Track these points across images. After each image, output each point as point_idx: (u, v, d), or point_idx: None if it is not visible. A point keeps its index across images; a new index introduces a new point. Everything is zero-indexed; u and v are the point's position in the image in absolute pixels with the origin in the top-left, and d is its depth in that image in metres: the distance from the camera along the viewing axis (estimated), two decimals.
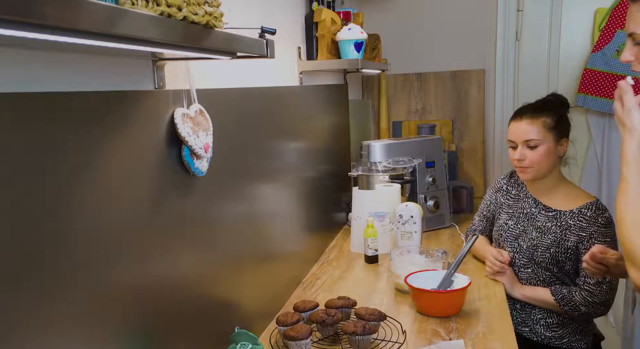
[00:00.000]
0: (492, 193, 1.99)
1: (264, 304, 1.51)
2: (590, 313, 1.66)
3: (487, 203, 2.01)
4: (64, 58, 0.80)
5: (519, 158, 1.74)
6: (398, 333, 1.42)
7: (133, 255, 0.93)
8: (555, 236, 1.71)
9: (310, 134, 2.02)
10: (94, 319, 0.83)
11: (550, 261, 1.72)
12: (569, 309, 1.66)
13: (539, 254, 1.73)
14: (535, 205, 1.81)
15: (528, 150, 1.73)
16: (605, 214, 1.69)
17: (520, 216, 1.83)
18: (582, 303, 1.64)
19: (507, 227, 1.84)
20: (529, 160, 1.73)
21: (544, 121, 1.72)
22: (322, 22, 2.03)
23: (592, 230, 1.67)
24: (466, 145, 3.01)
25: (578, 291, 1.65)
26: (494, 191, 1.98)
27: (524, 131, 1.73)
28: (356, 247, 2.16)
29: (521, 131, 1.74)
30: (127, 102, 0.91)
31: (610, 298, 1.64)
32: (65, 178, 0.77)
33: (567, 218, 1.72)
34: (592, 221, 1.67)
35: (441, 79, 3.00)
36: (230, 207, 1.31)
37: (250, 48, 0.98)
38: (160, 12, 0.69)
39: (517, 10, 2.87)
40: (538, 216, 1.79)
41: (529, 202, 1.83)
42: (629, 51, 1.14)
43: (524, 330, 1.77)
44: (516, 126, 1.76)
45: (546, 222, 1.75)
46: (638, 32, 1.11)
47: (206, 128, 1.10)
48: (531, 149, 1.73)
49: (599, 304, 1.63)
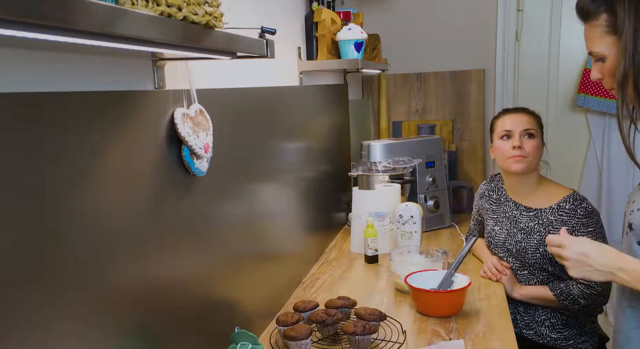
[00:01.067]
0: (477, 199, 2.03)
1: (264, 304, 1.51)
2: (590, 305, 1.66)
3: (476, 208, 2.05)
4: (64, 59, 0.80)
5: (518, 145, 1.76)
6: (398, 333, 1.42)
7: (133, 255, 0.93)
8: (540, 235, 1.73)
9: (310, 134, 2.02)
10: (93, 319, 0.83)
11: (542, 261, 1.72)
12: (568, 303, 1.66)
13: (530, 255, 1.74)
14: (516, 208, 1.83)
15: (526, 138, 1.78)
16: (584, 204, 1.70)
17: (504, 220, 1.85)
18: (580, 296, 1.64)
19: (495, 233, 1.87)
20: (527, 149, 1.77)
21: (536, 118, 1.83)
22: (322, 22, 2.03)
23: (574, 222, 1.69)
24: (466, 145, 3.01)
25: (575, 284, 1.66)
26: (479, 197, 2.02)
27: (523, 121, 1.79)
28: (356, 247, 2.16)
29: (520, 121, 1.79)
30: (127, 102, 0.91)
31: (607, 288, 1.65)
32: (65, 178, 0.77)
33: (547, 214, 1.74)
34: (572, 214, 1.70)
35: (441, 79, 3.00)
36: (230, 207, 1.31)
37: (250, 48, 0.98)
38: (160, 12, 0.69)
39: (517, 10, 2.87)
40: (520, 217, 1.80)
41: (510, 205, 1.86)
42: (595, 69, 1.16)
43: (529, 333, 1.77)
44: (512, 117, 1.82)
45: (528, 222, 1.77)
46: (595, 50, 1.13)
47: (206, 128, 1.10)
48: (529, 138, 1.78)
49: (596, 295, 1.64)
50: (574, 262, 1.20)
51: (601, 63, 1.14)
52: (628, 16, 1.04)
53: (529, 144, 1.77)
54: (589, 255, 1.17)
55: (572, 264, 1.20)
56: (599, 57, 1.13)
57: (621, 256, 1.15)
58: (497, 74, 2.93)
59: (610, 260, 1.15)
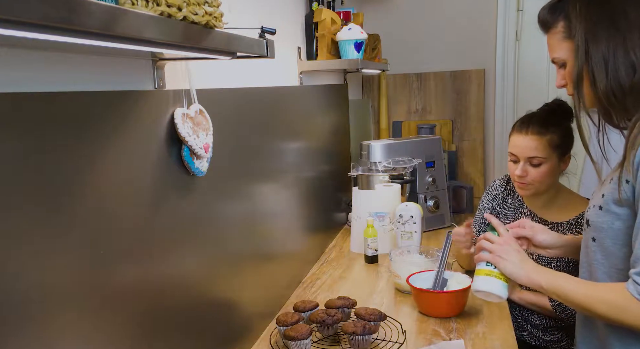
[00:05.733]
0: (488, 201, 1.90)
1: (264, 304, 1.51)
2: None
3: (487, 210, 1.90)
4: (64, 59, 0.80)
5: (521, 174, 1.65)
6: (398, 333, 1.42)
7: (133, 255, 0.93)
8: None
9: (310, 134, 2.02)
10: (93, 319, 0.83)
11: None
12: (565, 317, 1.63)
13: None
14: (532, 218, 1.74)
15: (531, 167, 1.64)
16: None
17: None
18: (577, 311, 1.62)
19: None
20: (531, 178, 1.65)
21: (550, 138, 1.61)
22: (322, 22, 2.03)
23: None
24: (466, 145, 3.01)
25: None
26: (490, 199, 1.89)
27: (529, 147, 1.62)
28: (356, 247, 2.16)
29: (526, 147, 1.63)
30: (127, 102, 0.91)
31: None
32: (65, 179, 0.77)
33: (564, 230, 1.67)
34: None
35: (441, 79, 3.00)
36: (230, 207, 1.30)
37: (250, 48, 0.98)
38: (160, 12, 0.69)
39: (517, 10, 2.87)
40: None
41: (525, 214, 1.77)
42: (559, 76, 1.19)
43: (523, 334, 1.76)
44: (520, 140, 1.65)
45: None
46: (555, 56, 1.17)
47: (206, 128, 1.10)
48: (534, 167, 1.64)
49: None
50: (500, 249, 1.26)
51: (563, 70, 1.17)
52: (579, 20, 1.10)
53: (534, 173, 1.63)
54: (522, 254, 1.25)
55: (497, 248, 1.26)
56: (560, 62, 1.17)
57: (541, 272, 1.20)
58: (497, 74, 2.93)
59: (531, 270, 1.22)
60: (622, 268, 1.09)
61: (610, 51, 1.07)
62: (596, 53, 1.08)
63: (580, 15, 1.10)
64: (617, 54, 1.06)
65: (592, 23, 1.08)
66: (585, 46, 1.09)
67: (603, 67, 1.07)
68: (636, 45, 1.05)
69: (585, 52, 1.09)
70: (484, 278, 1.28)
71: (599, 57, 1.07)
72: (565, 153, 1.66)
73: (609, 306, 1.05)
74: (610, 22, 1.07)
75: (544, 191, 1.70)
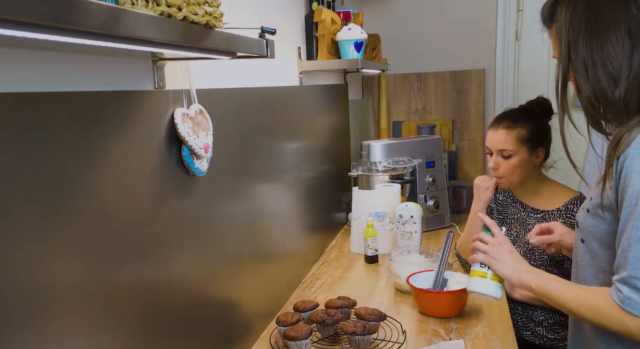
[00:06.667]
0: None
1: (264, 304, 1.51)
2: None
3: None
4: (64, 59, 0.80)
5: (493, 167, 1.77)
6: (398, 333, 1.42)
7: (133, 255, 0.93)
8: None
9: (310, 134, 2.02)
10: (93, 319, 0.83)
11: (549, 263, 1.72)
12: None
13: (537, 257, 1.73)
14: (524, 209, 1.82)
15: (502, 159, 1.76)
16: None
17: (512, 222, 1.84)
18: None
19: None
20: (502, 170, 1.76)
21: (518, 133, 1.73)
22: (322, 22, 2.03)
23: None
24: (466, 145, 3.01)
25: None
26: None
27: (499, 140, 1.75)
28: (356, 247, 2.16)
29: (496, 140, 1.76)
30: (127, 102, 0.91)
31: None
32: (65, 179, 0.77)
33: (555, 216, 1.74)
34: None
35: (441, 79, 3.00)
36: (230, 207, 1.31)
37: (250, 48, 0.98)
38: (160, 12, 0.69)
39: (517, 10, 2.87)
40: (528, 219, 1.80)
41: (517, 207, 1.85)
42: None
43: (526, 334, 1.77)
44: (492, 134, 1.78)
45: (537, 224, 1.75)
46: (555, 56, 1.17)
47: (206, 128, 1.10)
48: (505, 159, 1.75)
49: None
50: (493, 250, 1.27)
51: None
52: (564, 24, 1.11)
53: (504, 165, 1.75)
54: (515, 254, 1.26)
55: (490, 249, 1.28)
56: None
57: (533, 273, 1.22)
58: (497, 74, 2.94)
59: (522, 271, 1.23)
60: (607, 271, 1.10)
61: (588, 58, 1.06)
62: (576, 60, 1.08)
63: (565, 18, 1.10)
64: (597, 62, 1.06)
65: (574, 28, 1.08)
66: (567, 51, 1.09)
67: (584, 73, 1.07)
68: (611, 53, 1.04)
69: (567, 58, 1.09)
70: (478, 280, 1.30)
71: (580, 64, 1.08)
72: (536, 147, 1.75)
73: (594, 312, 1.06)
74: (589, 28, 1.07)
75: (519, 183, 1.79)
